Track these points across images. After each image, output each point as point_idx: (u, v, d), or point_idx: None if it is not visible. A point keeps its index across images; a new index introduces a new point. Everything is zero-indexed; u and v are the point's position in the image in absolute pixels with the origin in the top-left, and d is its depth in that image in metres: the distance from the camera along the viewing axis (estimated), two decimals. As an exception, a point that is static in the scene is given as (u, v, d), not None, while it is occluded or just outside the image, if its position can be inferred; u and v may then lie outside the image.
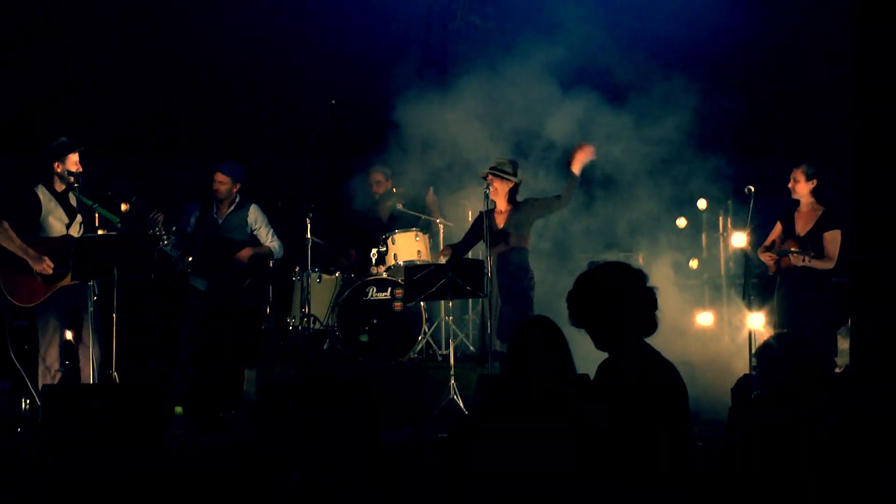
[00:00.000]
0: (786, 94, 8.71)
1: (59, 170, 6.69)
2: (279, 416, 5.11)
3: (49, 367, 6.60)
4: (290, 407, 5.12)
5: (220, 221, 7.45)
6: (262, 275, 7.53)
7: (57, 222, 6.68)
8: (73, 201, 6.80)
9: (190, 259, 7.25)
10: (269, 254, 7.55)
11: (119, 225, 6.71)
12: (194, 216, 7.44)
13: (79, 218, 6.80)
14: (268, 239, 7.56)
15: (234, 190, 7.49)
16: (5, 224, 6.54)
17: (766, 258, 7.04)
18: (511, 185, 7.46)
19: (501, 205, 7.51)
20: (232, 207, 7.51)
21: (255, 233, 7.54)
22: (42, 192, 6.68)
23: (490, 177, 7.43)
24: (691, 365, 7.08)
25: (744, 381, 3.89)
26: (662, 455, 3.24)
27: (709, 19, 8.07)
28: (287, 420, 5.08)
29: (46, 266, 6.51)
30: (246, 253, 7.40)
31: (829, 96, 7.98)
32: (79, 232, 6.74)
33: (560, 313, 3.70)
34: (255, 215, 7.56)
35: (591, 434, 3.30)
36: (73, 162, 6.71)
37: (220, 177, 7.44)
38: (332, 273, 8.19)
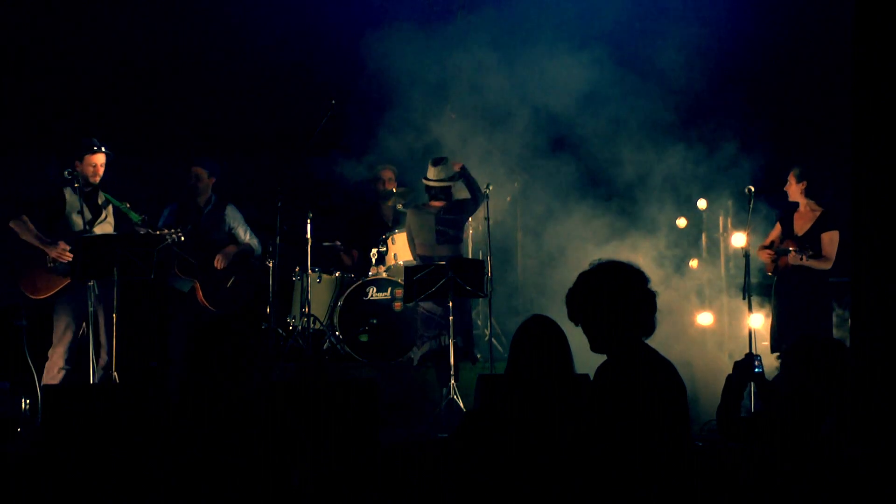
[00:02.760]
0: (790, 92, 8.70)
1: (77, 169, 6.76)
2: (279, 416, 5.11)
3: (52, 365, 6.61)
4: (290, 407, 5.12)
5: (198, 221, 7.47)
6: (245, 274, 7.54)
7: (80, 220, 6.75)
8: (101, 200, 6.88)
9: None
10: (250, 250, 7.59)
11: (140, 224, 6.77)
12: (170, 217, 7.45)
13: (103, 215, 6.87)
14: (246, 237, 7.61)
15: (210, 185, 7.52)
16: (25, 217, 6.69)
17: (764, 256, 7.07)
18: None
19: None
20: (210, 206, 7.54)
21: (232, 231, 7.57)
22: (68, 192, 6.78)
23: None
24: (691, 365, 7.09)
25: (743, 366, 3.81)
26: (662, 455, 3.24)
27: (710, 18, 8.06)
28: (287, 420, 5.08)
29: (62, 251, 6.56)
30: (231, 249, 7.43)
31: (833, 95, 7.98)
32: (104, 230, 6.81)
33: (556, 314, 3.70)
34: (232, 214, 7.60)
35: (591, 434, 3.30)
36: (90, 163, 6.79)
37: (196, 170, 7.49)
38: (332, 273, 8.20)
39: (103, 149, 6.83)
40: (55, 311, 6.72)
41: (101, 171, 6.84)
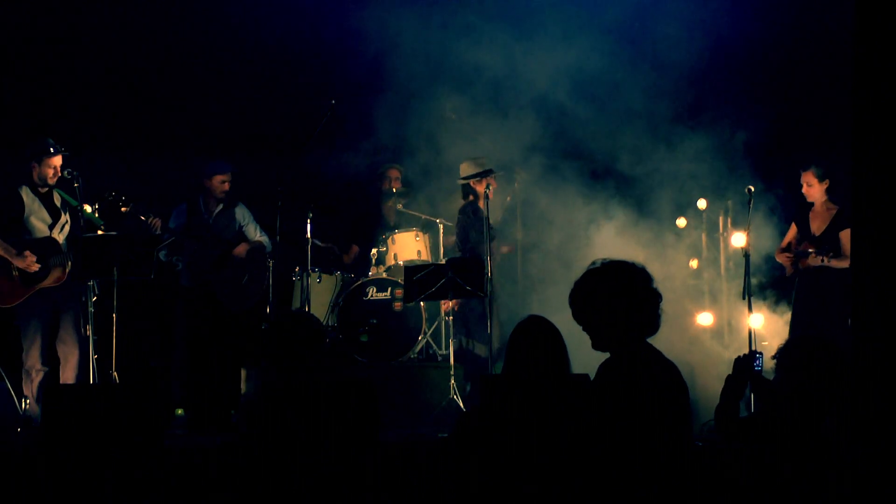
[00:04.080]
0: (789, 91, 8.71)
1: (34, 170, 6.66)
2: (279, 416, 5.11)
3: (30, 369, 6.60)
4: (290, 407, 5.11)
5: (211, 221, 7.48)
6: (259, 271, 7.54)
7: (40, 223, 6.69)
8: (58, 201, 6.80)
9: (180, 258, 7.29)
10: (261, 248, 7.60)
11: (102, 227, 6.72)
12: (182, 217, 7.46)
13: (63, 218, 6.79)
14: (256, 234, 7.63)
15: None
16: None
17: (784, 259, 7.07)
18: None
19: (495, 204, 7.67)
20: (221, 206, 7.54)
21: (243, 230, 7.59)
22: (25, 193, 6.69)
23: (491, 179, 7.56)
24: (691, 365, 7.09)
25: (743, 364, 3.79)
26: (663, 455, 3.24)
27: (711, 19, 8.07)
28: (287, 420, 5.07)
29: (30, 261, 6.51)
30: (243, 248, 7.45)
31: (834, 95, 7.98)
32: (61, 232, 6.74)
33: (558, 313, 3.70)
34: (242, 212, 7.62)
35: (591, 434, 3.30)
36: (50, 166, 6.67)
37: (226, 177, 7.49)
38: (332, 273, 8.20)
39: (61, 149, 6.73)
40: (20, 319, 6.67)
41: (59, 172, 6.71)
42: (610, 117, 8.16)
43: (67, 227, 6.79)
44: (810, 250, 6.84)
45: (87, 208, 6.70)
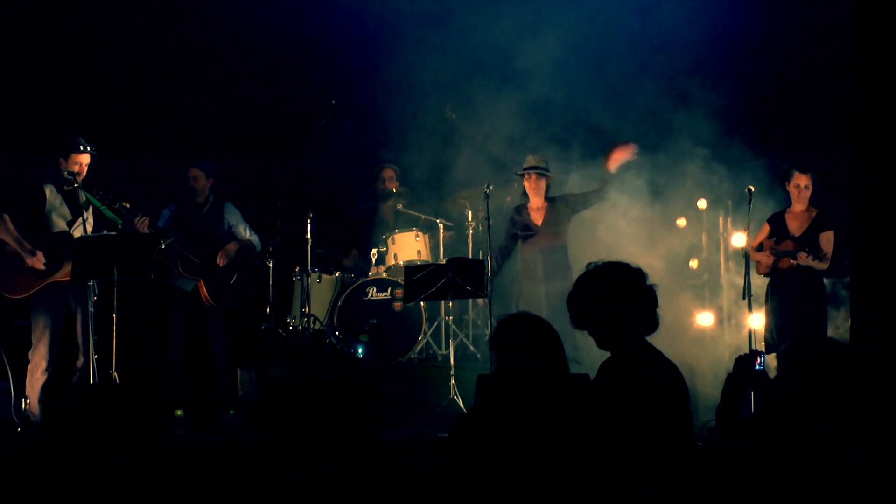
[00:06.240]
0: (787, 92, 8.71)
1: (62, 167, 6.71)
2: (279, 416, 5.12)
3: (36, 366, 6.60)
4: (290, 407, 5.12)
5: (198, 220, 7.46)
6: (247, 271, 7.52)
7: (60, 220, 6.73)
8: (82, 200, 6.83)
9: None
10: (250, 247, 7.55)
11: (120, 227, 6.74)
12: (171, 218, 7.44)
13: (84, 216, 6.81)
14: (246, 234, 7.58)
15: (208, 185, 7.50)
16: (5, 216, 6.60)
17: (764, 258, 7.06)
18: (548, 181, 7.56)
19: (538, 202, 7.56)
20: (208, 206, 7.53)
21: (232, 229, 7.55)
22: (49, 190, 6.73)
23: (532, 175, 7.50)
24: (691, 366, 7.09)
25: (744, 363, 3.79)
26: (663, 455, 3.24)
27: (709, 17, 8.07)
28: (287, 420, 5.08)
29: (37, 260, 6.54)
30: (233, 247, 7.39)
31: (831, 95, 7.99)
32: (82, 231, 6.75)
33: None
34: (230, 212, 7.58)
35: (591, 433, 3.30)
36: (76, 163, 6.72)
37: (193, 171, 7.47)
38: (332, 273, 8.19)
39: (89, 148, 6.77)
40: (32, 313, 6.67)
41: (85, 170, 6.76)
42: (609, 119, 8.15)
43: (89, 226, 6.81)
44: (799, 250, 6.85)
45: (120, 206, 6.73)
